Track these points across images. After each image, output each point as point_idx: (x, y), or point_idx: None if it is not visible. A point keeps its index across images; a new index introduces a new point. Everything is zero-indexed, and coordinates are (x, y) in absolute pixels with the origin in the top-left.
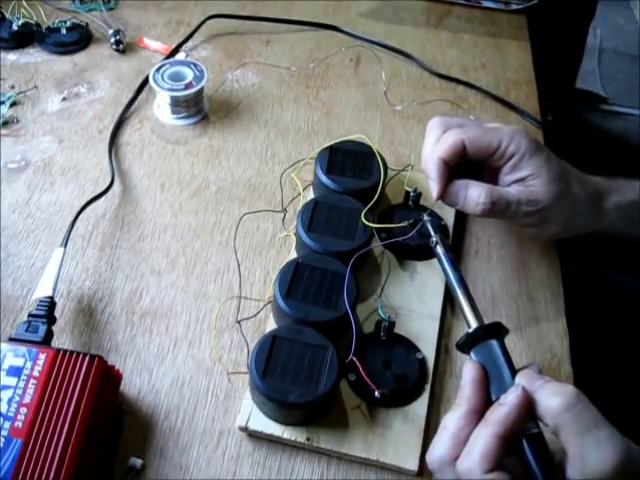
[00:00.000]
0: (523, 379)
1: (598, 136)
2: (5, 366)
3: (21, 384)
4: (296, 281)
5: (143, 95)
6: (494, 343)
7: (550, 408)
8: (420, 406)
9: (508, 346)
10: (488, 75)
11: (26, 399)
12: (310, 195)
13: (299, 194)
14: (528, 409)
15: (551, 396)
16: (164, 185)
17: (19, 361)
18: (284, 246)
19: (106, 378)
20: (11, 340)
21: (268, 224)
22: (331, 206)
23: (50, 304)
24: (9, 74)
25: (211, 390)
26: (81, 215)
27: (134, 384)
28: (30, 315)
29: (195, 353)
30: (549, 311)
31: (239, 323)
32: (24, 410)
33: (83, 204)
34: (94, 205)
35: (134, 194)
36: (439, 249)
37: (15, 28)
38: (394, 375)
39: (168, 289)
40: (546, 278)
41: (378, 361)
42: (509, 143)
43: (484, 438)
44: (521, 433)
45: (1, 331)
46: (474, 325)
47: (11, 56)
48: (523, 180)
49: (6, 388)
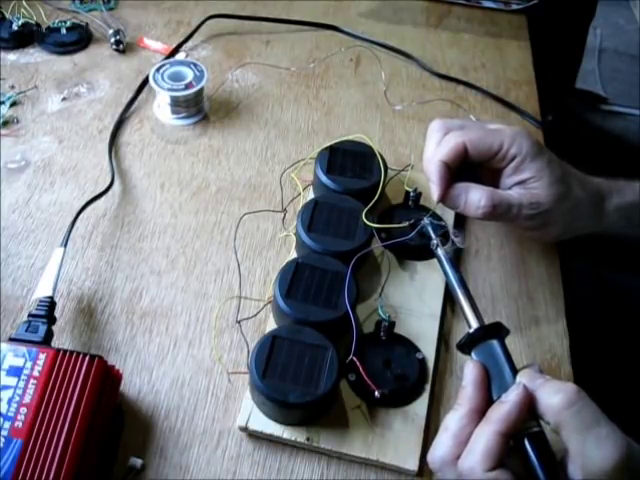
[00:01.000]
0: (524, 378)
1: (598, 136)
2: (5, 366)
3: (21, 384)
4: (296, 281)
5: (143, 95)
6: (495, 343)
7: (551, 406)
8: (420, 406)
9: (508, 346)
10: (488, 75)
11: (26, 399)
12: (310, 195)
13: (299, 194)
14: (529, 407)
15: (552, 394)
16: (164, 185)
17: (19, 361)
18: (284, 246)
19: (106, 378)
20: (11, 340)
21: (268, 224)
22: (331, 206)
23: (50, 304)
24: (9, 74)
25: (211, 390)
26: (81, 215)
27: (134, 384)
28: (30, 315)
29: (195, 353)
30: (549, 311)
31: (239, 323)
32: (24, 410)
33: (83, 204)
34: (94, 205)
35: (134, 194)
36: (439, 251)
37: (15, 28)
38: (394, 375)
39: (168, 289)
40: (546, 278)
41: (378, 361)
42: (511, 145)
43: (486, 436)
44: (523, 432)
45: (1, 331)
46: (475, 325)
47: (11, 56)
48: (524, 182)
49: (6, 388)
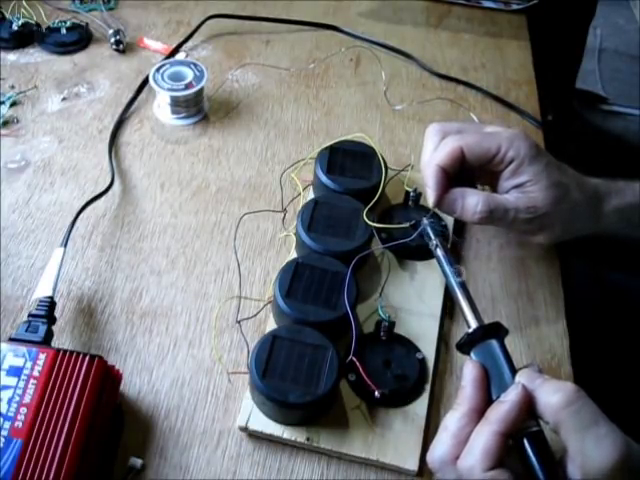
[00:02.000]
0: (523, 378)
1: (598, 136)
2: (5, 366)
3: (21, 384)
4: (296, 281)
5: (143, 95)
6: (494, 343)
7: (550, 405)
8: (420, 406)
9: (508, 346)
10: (488, 75)
11: (26, 399)
12: (310, 195)
13: (299, 194)
14: (528, 407)
15: (551, 393)
16: (164, 185)
17: (19, 361)
18: (284, 246)
19: (106, 378)
20: (11, 340)
21: (268, 224)
22: (331, 206)
23: (50, 304)
24: (9, 74)
25: (211, 390)
26: (81, 215)
27: (134, 384)
28: (30, 315)
29: (195, 353)
30: (549, 311)
31: (239, 323)
32: (24, 410)
33: (83, 204)
34: (94, 205)
35: (134, 194)
36: (439, 252)
37: (15, 28)
38: (394, 375)
39: (168, 289)
40: (546, 278)
41: (378, 361)
42: (508, 148)
43: (485, 436)
44: (522, 431)
45: (1, 331)
46: (474, 325)
47: (11, 56)
48: (522, 186)
49: (6, 388)
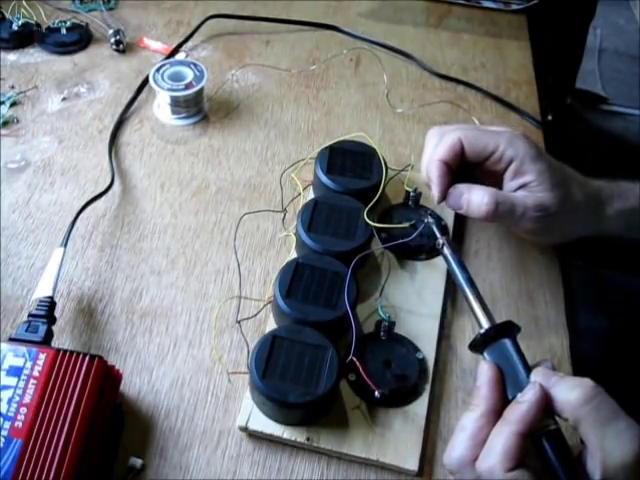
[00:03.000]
0: (538, 376)
1: (598, 136)
2: (5, 366)
3: (21, 384)
4: (296, 281)
5: (143, 95)
6: (507, 342)
7: (569, 402)
8: (420, 406)
9: None
10: (488, 75)
11: (26, 399)
12: (310, 195)
13: (299, 194)
14: (546, 406)
15: (569, 390)
16: (164, 185)
17: (19, 361)
18: (284, 246)
19: (106, 378)
20: (11, 340)
21: (268, 224)
22: (331, 206)
23: (50, 304)
24: (9, 74)
25: (211, 390)
26: (81, 215)
27: (134, 384)
28: (30, 315)
29: (195, 353)
30: (549, 311)
31: (239, 323)
32: (24, 410)
33: (83, 204)
34: (94, 205)
35: (134, 194)
36: (446, 250)
37: (15, 28)
38: (394, 375)
39: (168, 289)
40: (546, 278)
41: (378, 361)
42: (507, 147)
43: (504, 437)
44: (540, 430)
45: (1, 331)
46: (486, 325)
47: (11, 56)
48: (527, 186)
49: (6, 388)
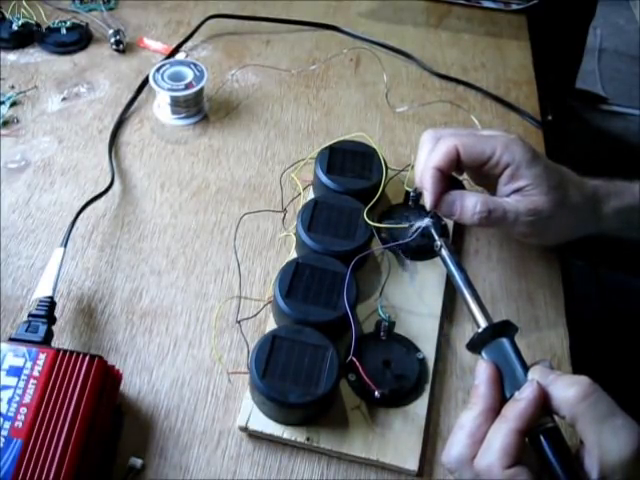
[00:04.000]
0: (536, 374)
1: (598, 136)
2: (5, 366)
3: (21, 384)
4: (296, 281)
5: (143, 95)
6: (505, 341)
7: (566, 399)
8: (420, 406)
9: None
10: (488, 75)
11: (26, 399)
12: (310, 195)
13: (299, 194)
14: (544, 403)
15: (566, 387)
16: (164, 185)
17: (19, 361)
18: (284, 246)
19: (106, 378)
20: (11, 340)
21: (268, 224)
22: (331, 206)
23: (50, 304)
24: (9, 74)
25: (211, 390)
26: (81, 215)
27: (134, 384)
28: (30, 315)
29: (195, 353)
30: (549, 311)
31: (239, 323)
32: (24, 410)
33: (83, 204)
34: (94, 205)
35: (134, 194)
36: (444, 252)
37: (15, 28)
38: (394, 375)
39: (168, 289)
40: (546, 278)
41: (378, 361)
42: (503, 152)
43: (503, 434)
44: (537, 428)
45: (1, 331)
46: (483, 325)
47: (11, 56)
48: (522, 190)
49: (6, 388)
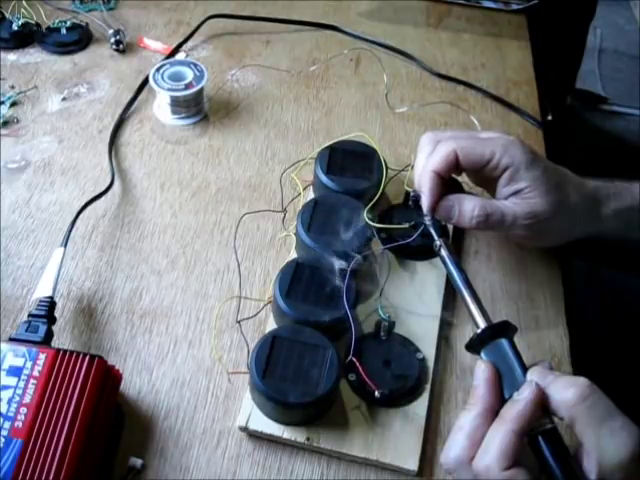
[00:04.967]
0: (535, 375)
1: (598, 136)
2: (5, 366)
3: (21, 384)
4: (296, 281)
5: (143, 95)
6: (504, 342)
7: (564, 400)
8: (420, 406)
9: None
10: (488, 75)
11: (26, 399)
12: (310, 195)
13: (299, 194)
14: (542, 404)
15: (564, 389)
16: (164, 185)
17: (19, 361)
18: (284, 246)
19: (106, 378)
20: (11, 340)
21: (268, 224)
22: (331, 206)
23: (50, 304)
24: (9, 74)
25: (211, 390)
26: (81, 215)
27: (134, 384)
28: (30, 315)
29: (195, 353)
30: (549, 311)
31: (239, 323)
32: (24, 410)
33: (83, 204)
34: (94, 205)
35: (134, 194)
36: (443, 252)
37: (15, 28)
38: (394, 375)
39: (168, 289)
40: (546, 278)
41: (378, 361)
42: (502, 155)
43: (501, 435)
44: (536, 429)
45: (1, 331)
46: (482, 325)
47: (11, 56)
48: (520, 192)
49: (6, 388)
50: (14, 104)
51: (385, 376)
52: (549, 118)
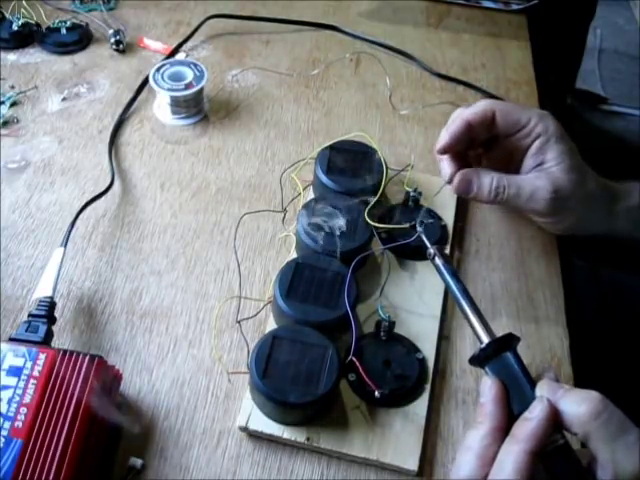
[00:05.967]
0: (544, 390)
1: (598, 136)
2: (5, 366)
3: (21, 384)
4: (296, 281)
5: (143, 95)
6: (509, 356)
7: (577, 416)
8: (420, 406)
9: None
10: (488, 75)
11: (26, 399)
12: (310, 195)
13: (299, 194)
14: (555, 421)
15: (577, 404)
16: (164, 185)
17: (19, 361)
18: (284, 246)
19: (106, 378)
20: (11, 340)
21: (268, 224)
22: (331, 206)
23: (50, 304)
24: (9, 74)
25: (211, 390)
26: (81, 215)
27: (134, 384)
28: (30, 315)
29: (195, 353)
30: (549, 311)
31: (239, 323)
32: (24, 410)
33: (83, 204)
34: (94, 205)
35: (134, 194)
36: (438, 261)
37: (15, 28)
38: (394, 375)
39: (168, 289)
40: (546, 278)
41: (378, 361)
42: (537, 123)
43: (514, 455)
44: (549, 446)
45: (1, 331)
46: (485, 340)
47: (11, 56)
48: (544, 164)
49: (6, 388)
50: (14, 104)
51: (385, 376)
52: None
